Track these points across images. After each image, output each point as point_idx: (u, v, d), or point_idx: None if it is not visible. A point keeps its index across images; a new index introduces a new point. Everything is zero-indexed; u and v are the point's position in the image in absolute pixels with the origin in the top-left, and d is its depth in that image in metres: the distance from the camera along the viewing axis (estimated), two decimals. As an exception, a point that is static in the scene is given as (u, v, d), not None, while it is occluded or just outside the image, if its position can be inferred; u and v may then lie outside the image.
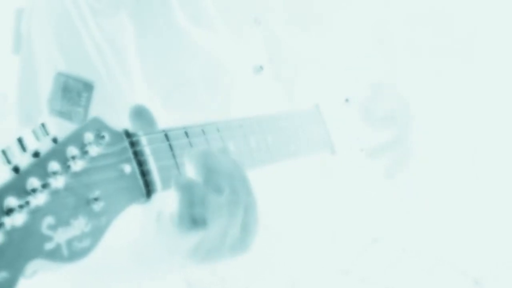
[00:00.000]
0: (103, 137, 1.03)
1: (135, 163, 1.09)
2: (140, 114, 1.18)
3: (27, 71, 1.60)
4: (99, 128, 1.04)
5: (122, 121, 1.48)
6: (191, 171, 1.16)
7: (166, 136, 1.17)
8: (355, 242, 1.77)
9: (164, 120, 1.52)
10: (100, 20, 1.57)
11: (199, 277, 1.74)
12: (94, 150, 1.01)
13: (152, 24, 1.59)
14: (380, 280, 1.73)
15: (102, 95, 1.54)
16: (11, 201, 0.87)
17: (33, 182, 0.90)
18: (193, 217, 1.08)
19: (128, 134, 1.10)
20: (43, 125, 0.96)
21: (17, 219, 0.87)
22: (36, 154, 0.93)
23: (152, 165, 1.11)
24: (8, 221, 0.87)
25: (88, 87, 1.54)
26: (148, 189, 1.09)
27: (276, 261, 1.73)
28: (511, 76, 1.80)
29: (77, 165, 0.98)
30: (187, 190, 1.10)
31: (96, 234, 0.99)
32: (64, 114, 1.53)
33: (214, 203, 1.12)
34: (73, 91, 1.53)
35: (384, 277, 1.73)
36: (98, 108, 1.54)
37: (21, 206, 0.88)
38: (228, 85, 1.64)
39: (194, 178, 1.14)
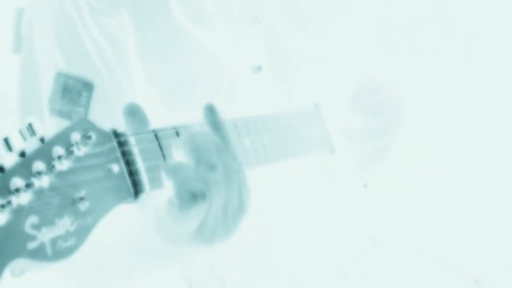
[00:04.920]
0: (90, 137, 1.03)
1: (123, 163, 1.09)
2: (133, 112, 1.18)
3: (27, 71, 1.61)
4: (86, 128, 1.04)
5: (122, 120, 1.50)
6: (181, 158, 1.17)
7: (156, 136, 1.17)
8: (354, 243, 1.76)
9: (164, 118, 1.53)
10: (100, 20, 1.57)
11: (199, 277, 1.74)
12: (80, 150, 1.01)
13: (151, 23, 1.59)
14: (379, 281, 1.73)
15: (102, 94, 1.54)
16: None
17: (17, 181, 0.91)
18: (191, 192, 1.10)
19: (116, 134, 1.10)
20: (30, 125, 0.96)
21: (-1, 218, 0.88)
22: (22, 154, 0.94)
23: (140, 165, 1.11)
24: None
25: (88, 86, 1.54)
26: (136, 189, 1.10)
27: (275, 261, 1.73)
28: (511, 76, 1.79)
29: (63, 165, 0.98)
30: (179, 170, 1.12)
31: (81, 234, 0.99)
32: (64, 114, 1.54)
33: (212, 180, 1.14)
34: (73, 91, 1.54)
35: (384, 278, 1.73)
36: (98, 108, 1.54)
37: (3, 206, 0.88)
38: (228, 84, 1.64)
39: (182, 161, 1.16)
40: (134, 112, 1.19)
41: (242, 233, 1.27)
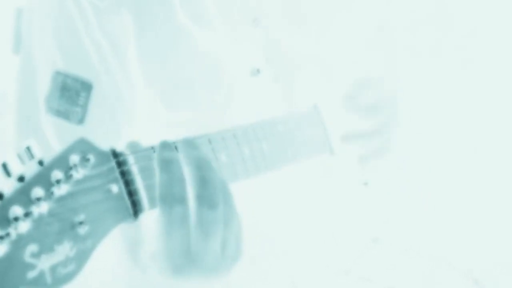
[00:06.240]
0: (88, 159, 1.03)
1: (122, 183, 1.08)
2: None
3: (26, 71, 1.60)
4: (84, 150, 1.03)
5: (119, 122, 1.49)
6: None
7: (155, 152, 1.16)
8: (355, 242, 1.76)
9: (164, 118, 1.53)
10: (101, 19, 1.56)
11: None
12: (79, 173, 1.01)
13: (152, 23, 1.59)
14: (380, 280, 1.73)
15: (101, 94, 1.54)
16: None
17: (16, 210, 0.91)
18: (172, 195, 1.12)
19: (114, 154, 1.09)
20: (28, 148, 0.96)
21: (-1, 250, 0.88)
22: (21, 179, 0.93)
23: (140, 184, 1.11)
24: None
25: (86, 86, 1.53)
26: (136, 209, 1.09)
27: (276, 261, 1.73)
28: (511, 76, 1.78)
29: (62, 190, 0.98)
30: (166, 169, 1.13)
31: (81, 258, 0.99)
32: (62, 114, 1.53)
33: (210, 219, 1.14)
34: (72, 91, 1.53)
35: (384, 277, 1.73)
36: (97, 108, 1.53)
37: (2, 237, 0.88)
38: (228, 85, 1.64)
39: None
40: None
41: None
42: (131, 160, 1.11)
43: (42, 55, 1.58)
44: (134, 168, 1.11)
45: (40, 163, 0.97)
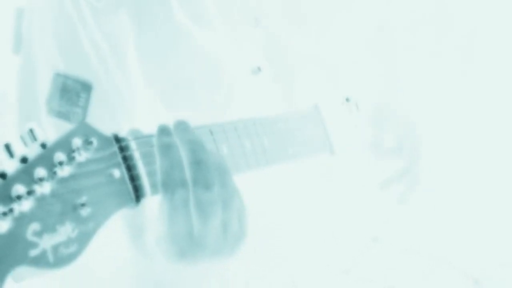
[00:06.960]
0: (91, 142, 1.03)
1: (124, 168, 1.08)
2: None
3: (26, 71, 1.60)
4: (87, 133, 1.03)
5: (119, 122, 1.50)
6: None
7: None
8: (355, 242, 1.76)
9: (164, 118, 1.53)
10: (100, 20, 1.56)
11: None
12: (82, 156, 1.01)
13: (151, 23, 1.59)
14: (380, 280, 1.73)
15: (101, 95, 1.54)
16: None
17: (19, 188, 0.90)
18: (173, 180, 1.12)
19: (117, 139, 1.09)
20: (31, 130, 0.96)
21: (1, 226, 0.87)
22: (24, 160, 0.93)
23: (142, 170, 1.11)
24: None
25: (86, 87, 1.53)
26: (137, 194, 1.09)
27: (276, 259, 1.73)
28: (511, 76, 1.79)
29: (64, 171, 0.97)
30: (166, 154, 1.14)
31: (83, 240, 0.99)
32: (62, 115, 1.53)
33: (207, 200, 1.14)
34: (72, 92, 1.53)
35: (384, 277, 1.73)
36: (97, 109, 1.53)
37: (5, 213, 0.88)
38: (228, 84, 1.64)
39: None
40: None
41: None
42: (133, 145, 1.11)
43: (42, 55, 1.58)
44: (136, 154, 1.11)
45: (43, 145, 0.97)
